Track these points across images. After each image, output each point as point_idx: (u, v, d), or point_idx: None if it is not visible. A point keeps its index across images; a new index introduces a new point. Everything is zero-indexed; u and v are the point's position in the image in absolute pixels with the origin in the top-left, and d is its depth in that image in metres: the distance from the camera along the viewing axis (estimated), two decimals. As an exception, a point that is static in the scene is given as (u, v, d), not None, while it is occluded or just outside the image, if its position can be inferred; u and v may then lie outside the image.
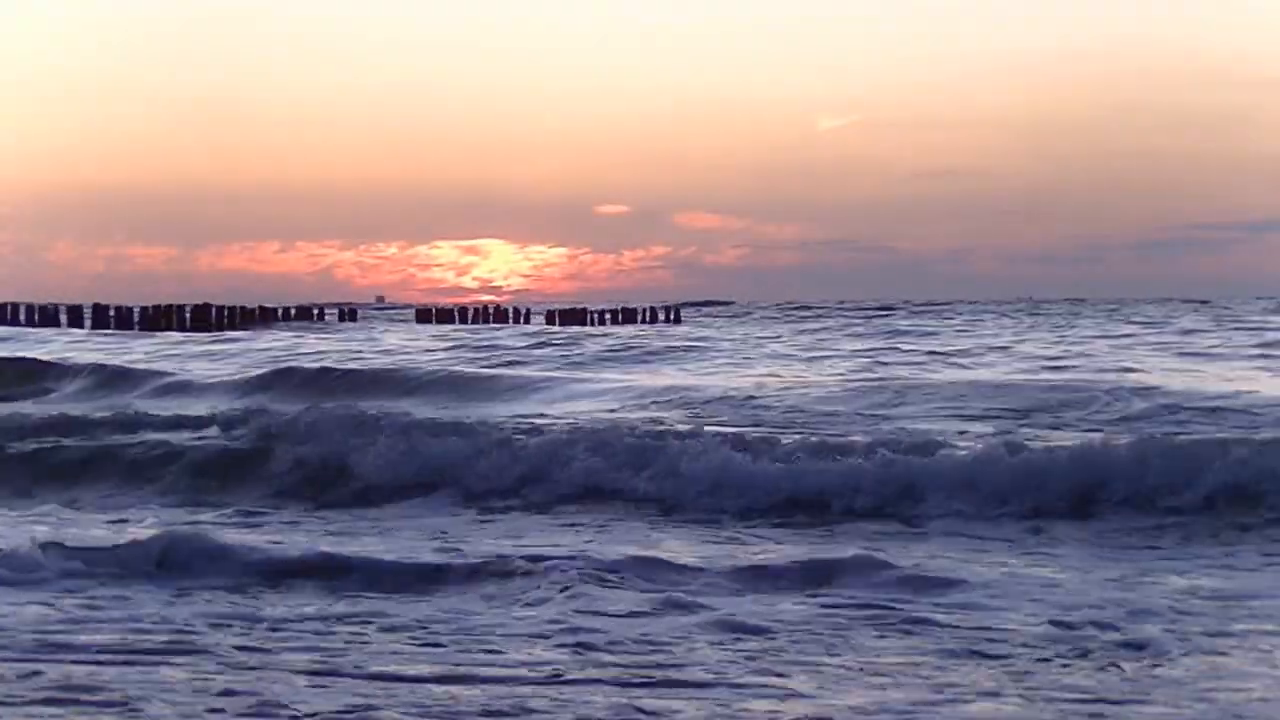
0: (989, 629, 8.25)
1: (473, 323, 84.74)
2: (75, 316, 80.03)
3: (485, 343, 48.96)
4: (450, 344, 48.14)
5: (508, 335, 57.28)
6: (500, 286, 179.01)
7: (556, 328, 74.45)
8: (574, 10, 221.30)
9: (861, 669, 7.40)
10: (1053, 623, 8.32)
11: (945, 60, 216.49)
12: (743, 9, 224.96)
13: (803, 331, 61.42)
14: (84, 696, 6.83)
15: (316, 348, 44.27)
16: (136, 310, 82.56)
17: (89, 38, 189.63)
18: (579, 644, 7.89)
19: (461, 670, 7.35)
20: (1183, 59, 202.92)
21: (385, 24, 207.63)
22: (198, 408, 22.15)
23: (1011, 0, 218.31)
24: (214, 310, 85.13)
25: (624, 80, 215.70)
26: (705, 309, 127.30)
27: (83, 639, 8.02)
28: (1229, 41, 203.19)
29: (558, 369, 31.89)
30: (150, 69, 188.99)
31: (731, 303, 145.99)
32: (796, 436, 16.43)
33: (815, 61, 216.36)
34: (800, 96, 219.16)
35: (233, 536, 11.46)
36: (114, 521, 13.17)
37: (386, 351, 43.09)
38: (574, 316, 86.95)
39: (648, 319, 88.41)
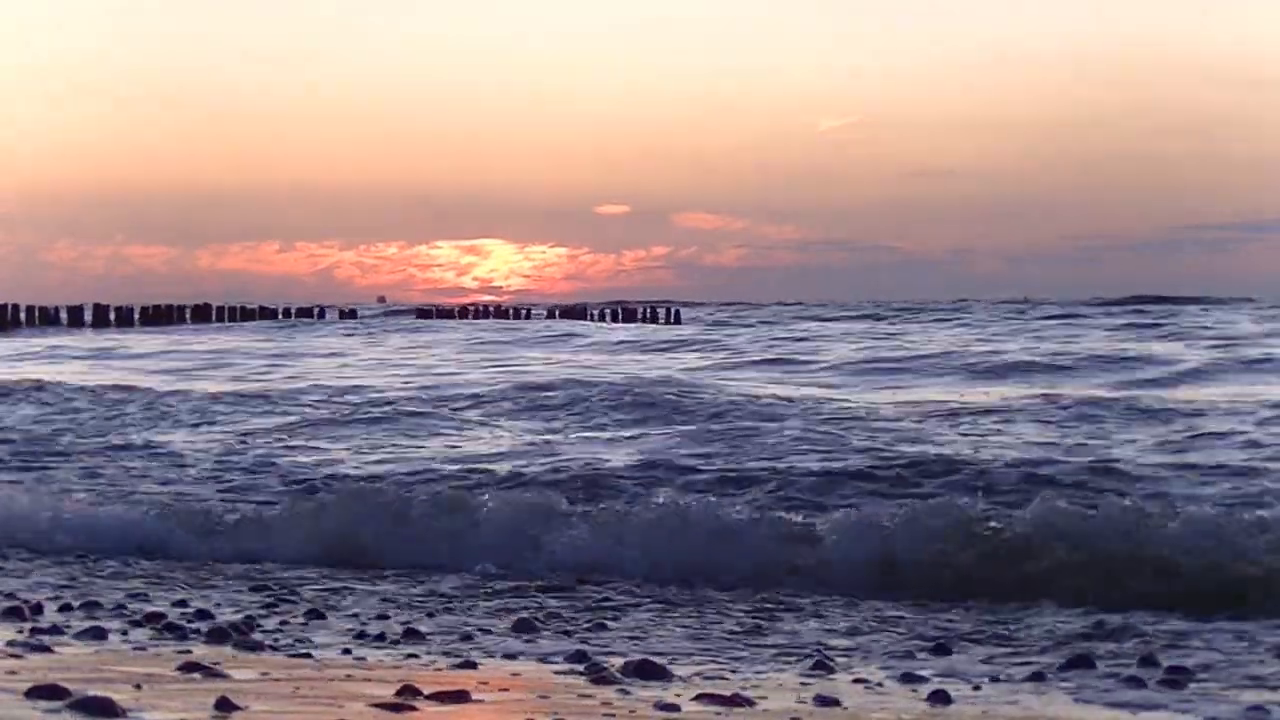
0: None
1: (473, 321, 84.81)
2: (75, 317, 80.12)
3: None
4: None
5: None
6: (500, 286, 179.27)
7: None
8: (574, 10, 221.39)
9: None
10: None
11: (945, 60, 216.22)
12: (743, 9, 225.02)
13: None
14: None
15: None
16: (136, 310, 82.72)
17: (89, 37, 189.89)
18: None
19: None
20: (1185, 58, 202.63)
21: (386, 24, 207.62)
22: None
23: (1012, 0, 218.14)
24: (214, 310, 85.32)
25: (624, 80, 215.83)
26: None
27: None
28: (1230, 41, 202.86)
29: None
30: (151, 69, 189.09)
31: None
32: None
33: (815, 61, 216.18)
34: (800, 96, 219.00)
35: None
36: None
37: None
38: (573, 315, 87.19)
39: (647, 318, 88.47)
